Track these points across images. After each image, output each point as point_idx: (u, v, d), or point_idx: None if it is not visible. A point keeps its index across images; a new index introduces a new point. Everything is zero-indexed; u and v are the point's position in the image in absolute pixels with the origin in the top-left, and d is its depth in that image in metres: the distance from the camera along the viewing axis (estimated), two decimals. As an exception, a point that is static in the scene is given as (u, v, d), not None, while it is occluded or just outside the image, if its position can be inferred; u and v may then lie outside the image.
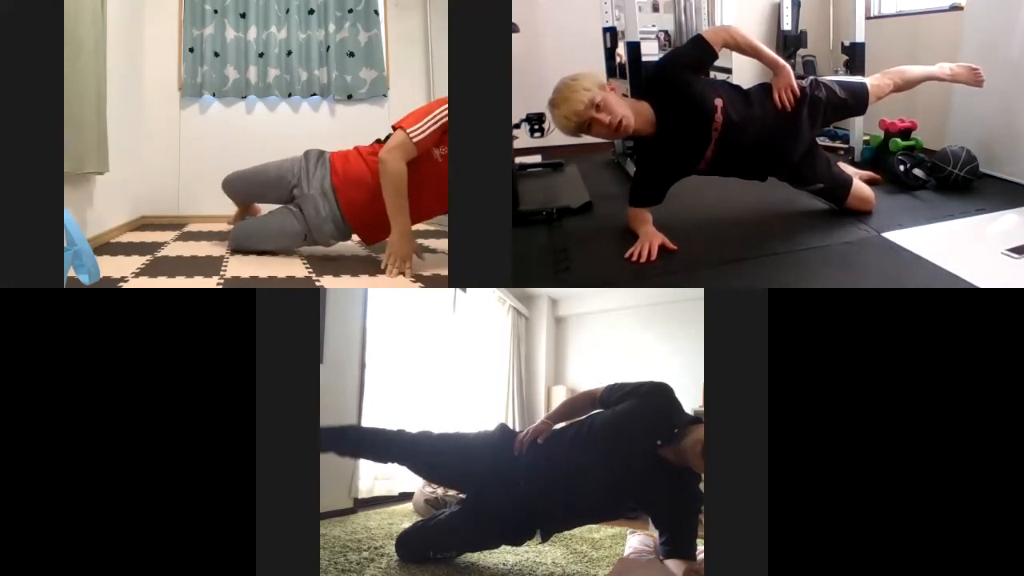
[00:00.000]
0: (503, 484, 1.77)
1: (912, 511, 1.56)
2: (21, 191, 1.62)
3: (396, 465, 1.93)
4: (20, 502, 1.55)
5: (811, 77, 2.21)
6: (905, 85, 2.31)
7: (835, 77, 2.25)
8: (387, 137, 2.47)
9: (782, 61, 2.08)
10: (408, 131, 2.34)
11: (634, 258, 1.96)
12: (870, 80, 2.26)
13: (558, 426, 1.81)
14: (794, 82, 2.05)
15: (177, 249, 2.78)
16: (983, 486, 1.56)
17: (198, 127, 3.89)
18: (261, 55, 3.90)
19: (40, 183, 1.64)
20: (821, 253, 1.96)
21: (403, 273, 2.28)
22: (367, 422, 2.26)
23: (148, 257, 2.55)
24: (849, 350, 1.59)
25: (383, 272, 2.30)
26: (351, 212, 2.56)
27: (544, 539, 1.78)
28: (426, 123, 2.35)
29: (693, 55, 2.07)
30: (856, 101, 2.20)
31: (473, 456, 1.84)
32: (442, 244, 2.95)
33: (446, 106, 2.34)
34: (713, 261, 1.94)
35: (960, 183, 2.36)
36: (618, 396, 1.72)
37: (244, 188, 2.77)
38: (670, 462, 1.60)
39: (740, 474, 1.56)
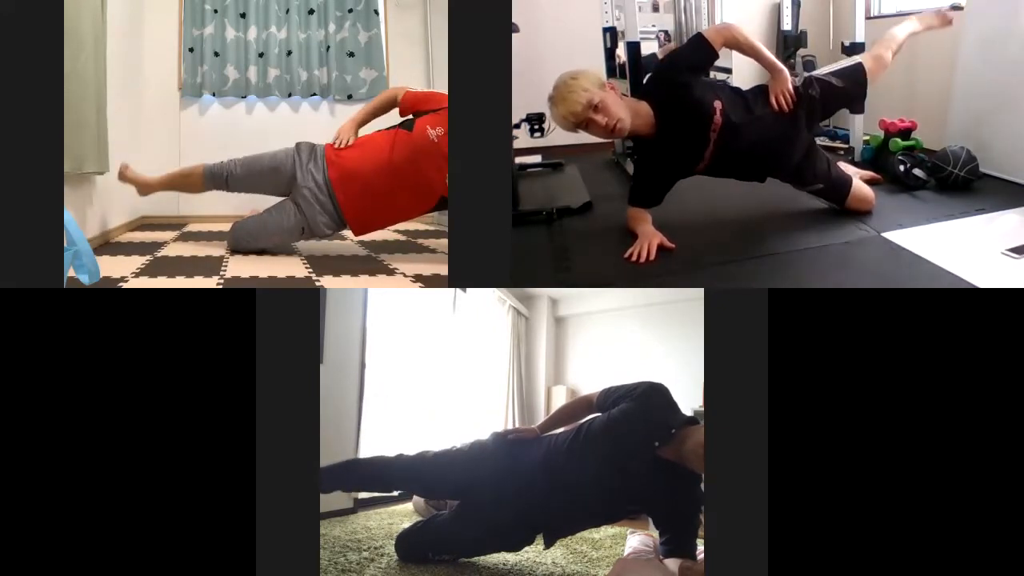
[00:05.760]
0: (502, 492, 1.77)
1: (912, 511, 1.56)
2: (21, 191, 1.62)
3: (399, 492, 1.93)
4: (20, 502, 1.55)
5: (804, 74, 2.20)
6: (899, 48, 2.32)
7: (829, 67, 2.24)
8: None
9: (780, 64, 2.08)
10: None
11: (633, 258, 1.96)
12: (864, 58, 2.24)
13: (557, 431, 1.81)
14: (790, 86, 2.06)
15: (177, 249, 2.78)
16: (983, 486, 1.56)
17: (198, 127, 3.89)
18: (261, 55, 3.90)
19: (40, 183, 1.64)
20: (821, 253, 1.96)
21: (341, 143, 2.61)
22: (367, 422, 2.26)
23: (148, 257, 2.55)
24: (849, 350, 1.59)
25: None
26: (348, 206, 2.57)
27: (548, 545, 1.78)
28: (422, 92, 2.64)
29: (693, 56, 2.07)
30: (854, 85, 2.19)
31: (472, 469, 1.84)
32: (442, 244, 2.96)
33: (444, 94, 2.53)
34: (713, 261, 1.94)
35: (960, 183, 2.36)
36: (613, 399, 1.71)
37: (249, 178, 2.73)
38: (670, 463, 1.60)
39: (740, 474, 1.56)
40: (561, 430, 1.80)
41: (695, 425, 1.59)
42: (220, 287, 2.08)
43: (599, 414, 1.74)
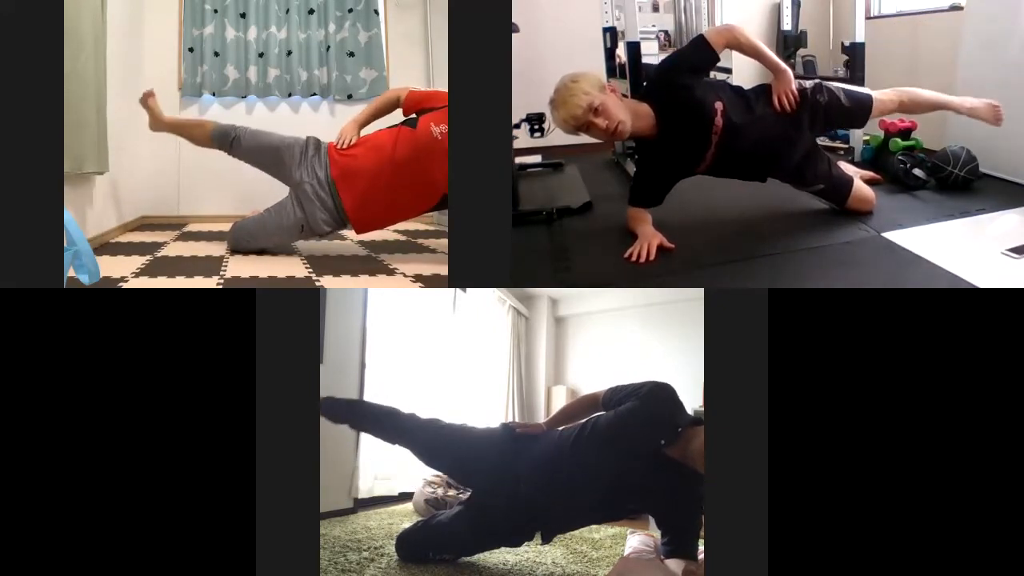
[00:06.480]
0: (504, 487, 1.77)
1: (912, 511, 1.56)
2: (21, 191, 1.62)
3: (400, 446, 1.92)
4: (20, 502, 1.55)
5: (816, 80, 2.19)
6: (913, 107, 2.27)
7: (842, 85, 2.23)
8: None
9: (783, 65, 2.08)
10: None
11: (633, 258, 1.96)
12: (877, 94, 2.22)
13: (561, 428, 1.81)
14: (794, 86, 2.05)
15: (177, 249, 2.78)
16: (983, 486, 1.56)
17: (198, 127, 3.88)
18: (261, 55, 3.90)
19: (40, 183, 1.64)
20: (821, 253, 1.96)
21: (344, 143, 2.59)
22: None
23: (148, 257, 2.55)
24: (849, 350, 1.59)
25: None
26: (351, 205, 2.57)
27: (546, 541, 1.78)
28: (425, 91, 2.64)
29: (694, 58, 2.07)
30: (859, 112, 2.18)
31: (476, 452, 1.85)
32: (442, 244, 2.96)
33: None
34: (713, 261, 1.94)
35: (960, 183, 2.36)
36: (620, 397, 1.71)
37: (254, 149, 2.73)
38: (674, 462, 1.60)
39: (740, 474, 1.56)
40: (565, 426, 1.80)
41: (702, 425, 1.59)
42: (220, 287, 2.08)
43: (604, 412, 1.75)
